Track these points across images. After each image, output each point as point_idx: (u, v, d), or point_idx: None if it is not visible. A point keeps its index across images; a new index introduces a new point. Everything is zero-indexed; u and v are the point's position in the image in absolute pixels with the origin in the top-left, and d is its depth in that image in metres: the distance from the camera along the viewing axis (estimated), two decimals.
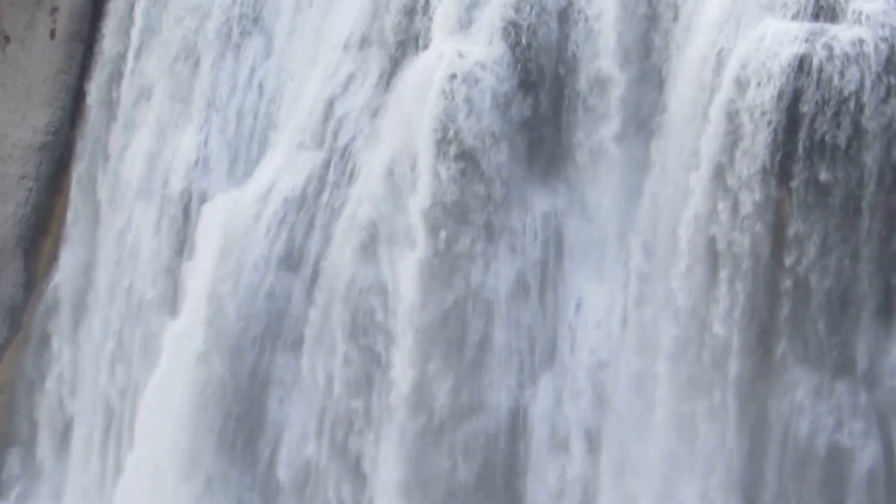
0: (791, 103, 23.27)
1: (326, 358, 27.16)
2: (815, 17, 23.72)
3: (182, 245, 29.57)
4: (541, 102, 26.25)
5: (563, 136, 26.33)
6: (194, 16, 29.47)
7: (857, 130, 22.84)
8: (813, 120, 23.04)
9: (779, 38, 23.49)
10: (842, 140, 22.92)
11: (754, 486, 24.19)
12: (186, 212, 29.56)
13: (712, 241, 24.18)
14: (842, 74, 22.84)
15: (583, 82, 26.09)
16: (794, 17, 23.80)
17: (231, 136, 29.42)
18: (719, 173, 23.97)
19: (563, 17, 26.07)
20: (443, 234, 26.02)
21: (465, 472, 25.98)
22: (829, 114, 22.97)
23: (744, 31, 24.02)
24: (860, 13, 23.21)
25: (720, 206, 23.97)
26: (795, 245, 23.48)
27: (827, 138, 22.97)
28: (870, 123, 22.81)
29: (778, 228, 23.71)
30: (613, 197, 26.07)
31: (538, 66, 26.08)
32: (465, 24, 26.42)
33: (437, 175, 25.91)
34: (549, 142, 26.44)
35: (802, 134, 23.12)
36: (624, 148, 25.96)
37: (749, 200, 23.64)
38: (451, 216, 26.00)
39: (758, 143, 23.44)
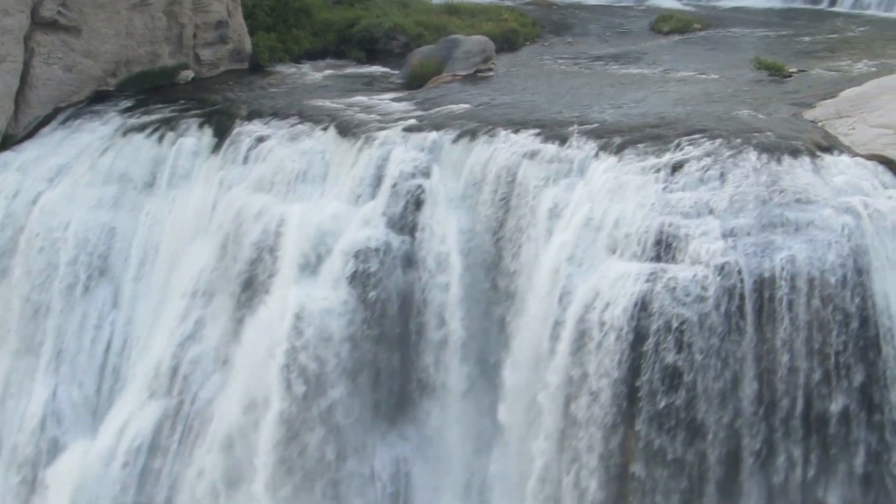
0: (634, 343, 23.20)
1: None
2: (657, 257, 23.83)
3: (32, 497, 28.78)
4: (387, 346, 26.18)
5: (410, 380, 26.24)
6: (42, 266, 29.16)
7: (698, 368, 22.79)
8: (654, 358, 23.01)
9: (620, 280, 23.55)
10: (684, 377, 22.86)
11: None
12: (36, 463, 28.90)
13: None
14: (681, 313, 22.88)
15: (427, 326, 26.06)
16: (636, 258, 23.89)
17: (80, 385, 29.00)
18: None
19: (408, 262, 26.18)
20: (289, 485, 25.79)
21: None
22: (670, 351, 22.91)
23: (585, 273, 24.12)
24: (698, 252, 23.33)
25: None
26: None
27: (668, 378, 22.94)
28: (710, 359, 22.78)
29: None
30: (461, 445, 25.94)
31: (383, 310, 26.07)
32: (310, 270, 26.44)
33: (283, 424, 25.77)
34: (396, 384, 26.32)
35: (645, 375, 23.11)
36: (470, 394, 25.87)
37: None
38: (296, 466, 25.78)
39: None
